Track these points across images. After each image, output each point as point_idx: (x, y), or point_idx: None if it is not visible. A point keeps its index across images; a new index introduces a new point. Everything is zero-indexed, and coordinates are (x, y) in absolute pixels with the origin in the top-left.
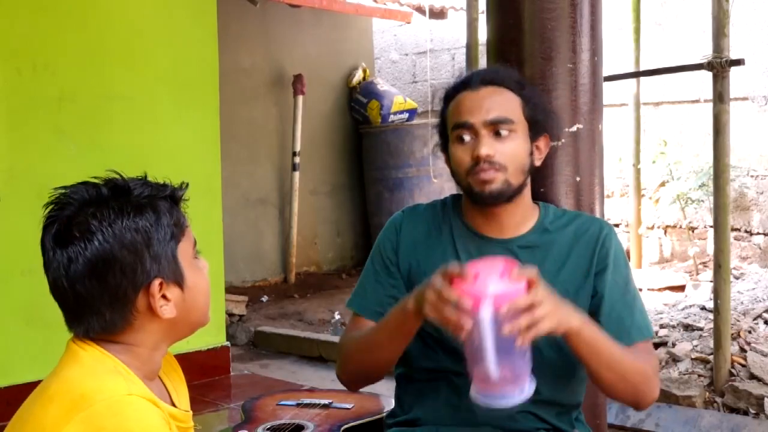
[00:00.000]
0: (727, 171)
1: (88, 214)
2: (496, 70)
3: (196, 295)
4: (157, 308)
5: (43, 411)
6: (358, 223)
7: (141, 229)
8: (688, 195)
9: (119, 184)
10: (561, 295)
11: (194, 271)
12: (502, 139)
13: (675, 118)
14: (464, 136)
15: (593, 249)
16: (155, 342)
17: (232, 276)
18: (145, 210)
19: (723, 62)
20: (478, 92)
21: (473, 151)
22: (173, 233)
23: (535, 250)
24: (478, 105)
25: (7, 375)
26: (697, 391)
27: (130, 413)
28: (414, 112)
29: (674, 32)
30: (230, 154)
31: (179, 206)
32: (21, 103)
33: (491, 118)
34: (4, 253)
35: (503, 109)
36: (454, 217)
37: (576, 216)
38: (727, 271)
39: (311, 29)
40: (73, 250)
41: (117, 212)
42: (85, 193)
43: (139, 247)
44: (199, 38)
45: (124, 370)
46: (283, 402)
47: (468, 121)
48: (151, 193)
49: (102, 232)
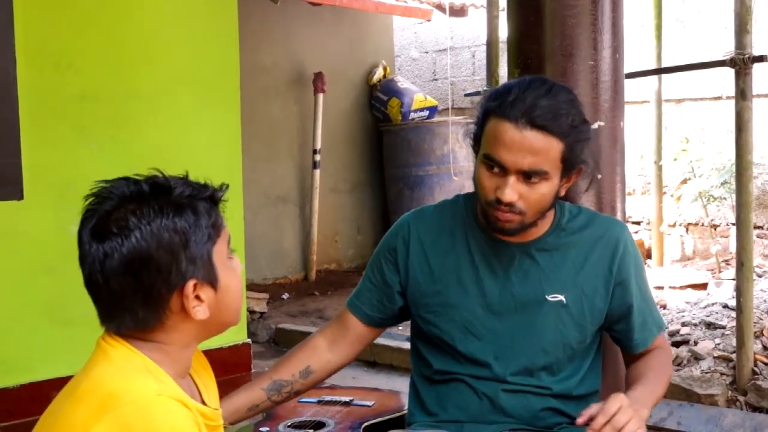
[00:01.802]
0: (750, 168)
1: (128, 211)
2: (550, 112)
3: (228, 295)
4: (190, 309)
5: (72, 410)
6: (378, 220)
7: (179, 229)
8: (710, 192)
9: (160, 182)
10: (578, 297)
11: (228, 271)
12: (530, 184)
13: (697, 115)
14: (493, 168)
15: (612, 255)
16: (186, 341)
17: (253, 273)
18: (184, 210)
19: (745, 59)
20: (522, 134)
21: (497, 188)
22: (210, 234)
23: (554, 254)
24: (516, 148)
25: (31, 372)
26: (720, 389)
27: (159, 414)
28: (434, 110)
29: (696, 29)
30: (251, 152)
31: (218, 207)
32: (43, 101)
33: (526, 168)
34: (28, 251)
35: (541, 160)
36: (469, 218)
37: (592, 217)
38: (749, 269)
39: (332, 27)
40: (110, 246)
41: (156, 211)
42: (126, 188)
43: (176, 248)
44: (219, 37)
45: (155, 369)
46: (303, 399)
47: (501, 162)
48: (192, 193)
49: (140, 229)
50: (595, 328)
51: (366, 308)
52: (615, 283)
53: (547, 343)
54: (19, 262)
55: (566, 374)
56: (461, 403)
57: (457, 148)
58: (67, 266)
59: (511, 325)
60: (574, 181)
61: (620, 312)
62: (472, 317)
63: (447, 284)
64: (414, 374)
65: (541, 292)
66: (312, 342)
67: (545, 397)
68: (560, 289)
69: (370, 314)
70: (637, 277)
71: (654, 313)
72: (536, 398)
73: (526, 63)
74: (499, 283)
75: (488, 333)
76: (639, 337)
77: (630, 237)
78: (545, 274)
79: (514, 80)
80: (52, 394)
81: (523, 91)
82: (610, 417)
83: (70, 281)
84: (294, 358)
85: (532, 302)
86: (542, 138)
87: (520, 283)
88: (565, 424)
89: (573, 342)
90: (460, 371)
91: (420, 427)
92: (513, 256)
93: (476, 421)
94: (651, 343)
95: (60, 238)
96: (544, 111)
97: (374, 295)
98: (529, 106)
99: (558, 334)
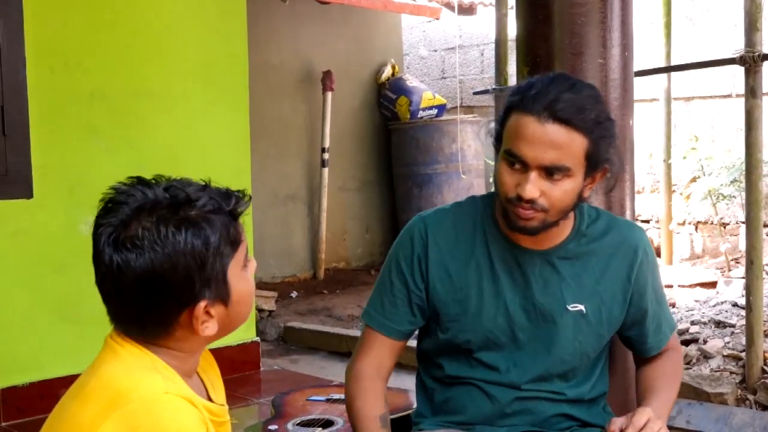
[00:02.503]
0: (760, 166)
1: (143, 227)
2: (573, 106)
3: (240, 307)
4: (198, 327)
5: (80, 408)
6: (386, 219)
7: (196, 253)
8: (719, 191)
9: (180, 195)
10: (597, 306)
11: (242, 282)
12: (552, 180)
13: (706, 113)
14: (514, 164)
15: (631, 262)
16: (195, 348)
17: (262, 272)
18: (202, 230)
19: (755, 57)
20: (544, 128)
21: (518, 185)
22: (227, 252)
23: (575, 262)
24: (537, 142)
25: (41, 370)
26: (729, 388)
27: (166, 412)
28: (443, 108)
29: (706, 27)
30: (260, 151)
31: (238, 220)
32: (53, 100)
33: (547, 163)
34: (38, 249)
35: (563, 155)
36: (488, 223)
37: (611, 222)
38: (759, 267)
39: (340, 26)
40: (123, 259)
41: (174, 232)
42: (142, 197)
43: (191, 271)
44: (228, 35)
45: (163, 367)
46: (312, 397)
47: (522, 158)
48: (214, 207)
49: (155, 251)
50: (610, 336)
51: (396, 326)
52: (633, 290)
53: (566, 353)
54: (29, 260)
55: (580, 380)
56: (472, 406)
57: (465, 146)
58: (77, 264)
59: (530, 334)
60: (598, 181)
61: (635, 318)
62: (492, 326)
63: (467, 293)
64: (423, 375)
65: (561, 301)
66: (370, 387)
67: (558, 403)
68: (581, 298)
69: (403, 330)
70: (654, 283)
71: (667, 315)
72: (550, 404)
73: (535, 61)
74: (520, 292)
75: (508, 342)
76: (653, 341)
77: (648, 242)
78: (566, 284)
79: (537, 77)
80: (61, 391)
81: (546, 85)
82: (639, 429)
83: (80, 279)
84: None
85: (552, 312)
86: (565, 132)
87: (540, 293)
88: (576, 427)
89: (590, 351)
90: (473, 376)
91: (430, 427)
92: (534, 264)
93: (487, 424)
94: (664, 346)
95: (70, 237)
96: (567, 105)
97: (402, 309)
98: (552, 100)
99: (577, 343)
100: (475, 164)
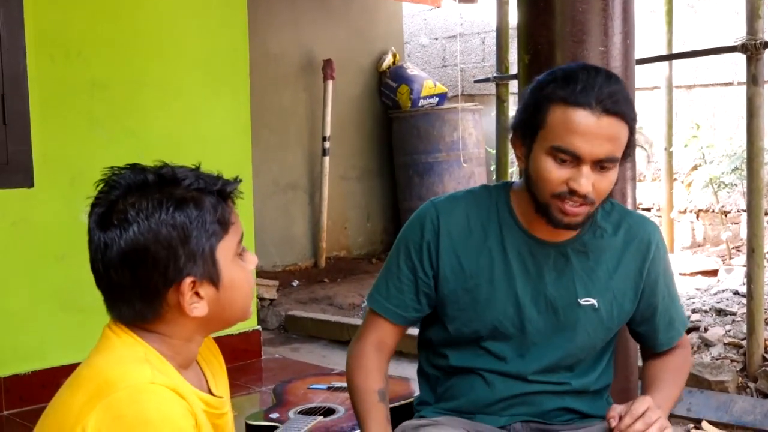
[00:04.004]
0: (761, 154)
1: (128, 204)
2: (620, 95)
3: (233, 293)
4: (186, 306)
5: (72, 397)
6: (387, 207)
7: (178, 225)
8: (720, 179)
9: (167, 174)
10: (609, 301)
11: (235, 268)
12: (602, 172)
13: (708, 101)
14: (565, 160)
15: (644, 258)
16: (188, 334)
17: (263, 261)
18: (186, 205)
19: (757, 44)
20: (599, 121)
21: (570, 180)
22: (215, 231)
23: (589, 256)
24: (594, 137)
25: (43, 359)
26: (730, 376)
27: (151, 402)
28: (444, 97)
29: (707, 14)
30: (261, 140)
31: (228, 202)
32: (54, 90)
33: (603, 156)
34: (39, 239)
35: (616, 146)
36: (504, 213)
37: (624, 215)
38: (760, 255)
39: (341, 14)
40: (110, 237)
41: (156, 205)
42: (132, 178)
43: (174, 243)
44: (229, 25)
45: (155, 358)
46: (314, 386)
47: (577, 153)
48: (199, 186)
49: (138, 223)
50: (618, 329)
51: (400, 311)
52: (644, 285)
53: (575, 346)
54: (30, 249)
55: (587, 370)
56: (474, 395)
57: (466, 135)
58: (78, 254)
59: (541, 326)
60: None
61: (645, 313)
62: (503, 317)
63: (477, 282)
64: (424, 364)
65: (574, 295)
66: (370, 363)
67: (562, 396)
68: (593, 293)
69: (408, 317)
70: (666, 277)
71: (680, 311)
72: (553, 397)
73: (537, 49)
74: (532, 283)
75: (517, 333)
76: (664, 337)
77: (661, 237)
78: (579, 277)
79: (566, 66)
80: (63, 380)
81: (593, 77)
82: (637, 417)
83: (81, 269)
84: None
85: (564, 305)
86: (617, 124)
87: (553, 285)
88: (576, 419)
89: (598, 344)
90: (478, 366)
91: (431, 414)
92: (548, 256)
93: (488, 413)
94: (675, 342)
95: (71, 226)
96: (618, 97)
97: (407, 295)
98: (605, 93)
99: (587, 337)
100: (476, 153)
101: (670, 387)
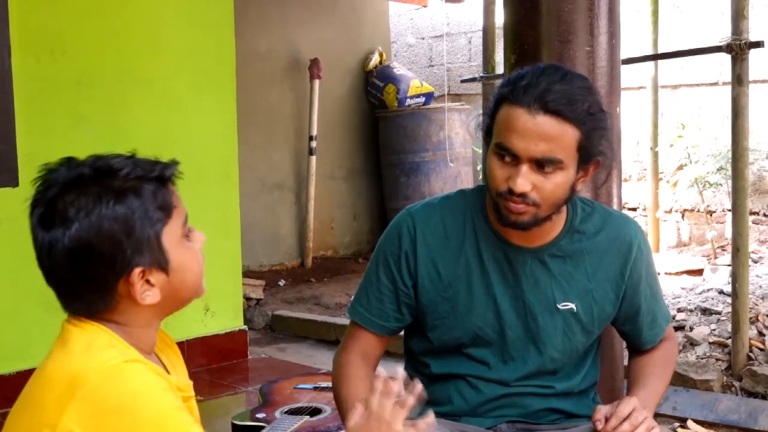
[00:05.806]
0: (746, 154)
1: (67, 201)
2: (564, 97)
3: (183, 275)
4: (138, 296)
5: (41, 396)
6: (374, 207)
7: (120, 217)
8: (706, 178)
9: (102, 166)
10: (589, 304)
11: (183, 250)
12: (544, 173)
13: (693, 101)
14: (505, 157)
15: (625, 259)
16: (145, 321)
17: (250, 260)
18: (125, 196)
19: (742, 44)
20: (535, 120)
21: (509, 178)
22: (158, 217)
23: (566, 260)
24: (528, 135)
25: (28, 359)
26: (715, 375)
27: (130, 377)
28: (430, 96)
29: (692, 14)
30: (247, 139)
31: (168, 186)
32: (40, 88)
33: (539, 156)
34: (23, 238)
35: (555, 147)
36: (478, 219)
37: (605, 217)
38: (745, 254)
39: (327, 13)
40: (53, 236)
41: (95, 200)
42: (67, 174)
43: (118, 237)
44: (216, 23)
45: (119, 343)
46: (300, 386)
47: (512, 150)
48: (138, 174)
49: (80, 221)
50: (600, 331)
51: (381, 321)
52: (626, 287)
53: (556, 350)
54: (14, 249)
55: (570, 373)
56: (459, 399)
57: (453, 134)
58: None
59: (521, 332)
60: (591, 174)
61: (628, 314)
62: (482, 323)
63: (457, 290)
64: (409, 370)
65: (552, 300)
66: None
67: (547, 397)
68: (572, 297)
69: (390, 327)
70: (648, 277)
71: (662, 308)
72: (538, 398)
73: (523, 49)
74: (510, 290)
75: (497, 338)
76: (648, 335)
77: (643, 237)
78: (557, 282)
79: (528, 67)
80: None
81: (537, 76)
82: (623, 419)
83: None
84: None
85: (542, 310)
86: (556, 124)
87: (531, 291)
88: (562, 419)
89: (579, 347)
90: (462, 372)
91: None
92: (525, 262)
93: (473, 415)
94: (660, 339)
95: None
96: (558, 96)
97: (388, 305)
98: (543, 91)
99: (567, 340)
100: (463, 152)
101: (656, 382)
